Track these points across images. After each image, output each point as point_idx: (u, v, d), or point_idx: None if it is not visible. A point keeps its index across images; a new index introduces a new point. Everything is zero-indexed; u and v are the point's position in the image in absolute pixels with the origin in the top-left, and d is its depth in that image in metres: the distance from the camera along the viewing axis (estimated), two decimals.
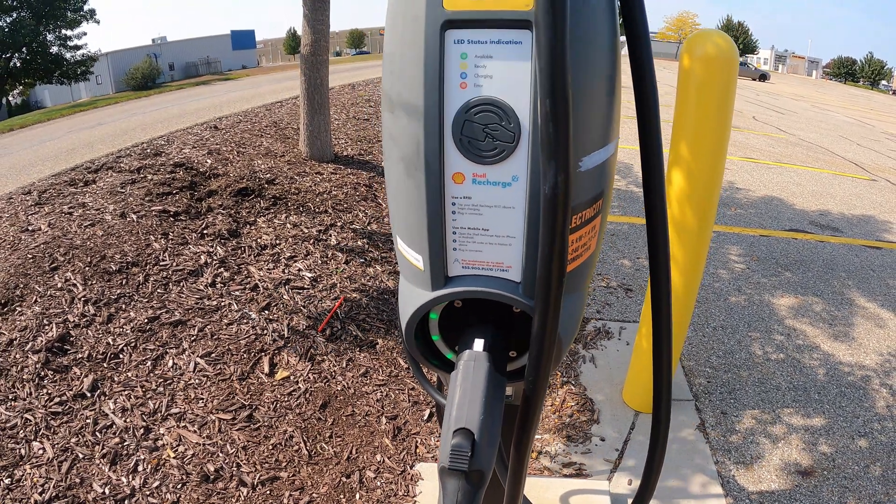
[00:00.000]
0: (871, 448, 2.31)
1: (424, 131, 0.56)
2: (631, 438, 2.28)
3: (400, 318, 0.69)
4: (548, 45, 0.45)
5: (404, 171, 0.61)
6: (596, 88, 0.58)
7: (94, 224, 3.48)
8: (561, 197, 0.48)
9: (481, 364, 0.62)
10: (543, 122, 0.47)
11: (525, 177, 0.56)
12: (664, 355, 0.71)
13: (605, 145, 0.61)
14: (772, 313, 3.35)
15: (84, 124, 10.74)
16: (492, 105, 0.54)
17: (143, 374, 2.39)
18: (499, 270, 0.63)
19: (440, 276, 0.64)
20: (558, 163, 0.47)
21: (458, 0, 0.53)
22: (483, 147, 0.56)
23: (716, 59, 1.72)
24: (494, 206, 0.59)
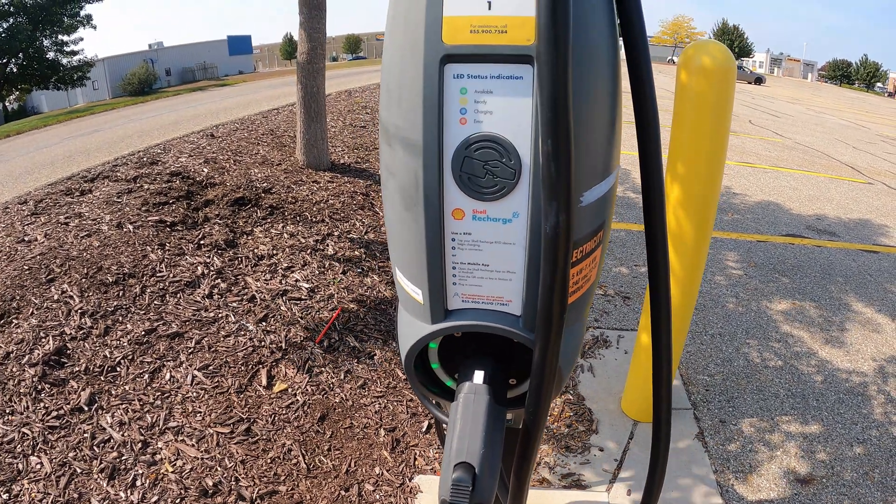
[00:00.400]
0: (869, 455, 2.31)
1: (423, 167, 0.56)
2: (630, 448, 2.27)
3: (399, 348, 0.70)
4: (550, 82, 0.45)
5: (402, 205, 0.61)
6: (597, 121, 0.58)
7: (91, 234, 3.47)
8: (562, 236, 0.49)
9: (481, 397, 0.62)
10: (545, 161, 0.47)
11: (526, 213, 0.56)
12: (664, 369, 0.71)
13: (605, 178, 0.62)
14: (770, 320, 3.35)
15: (80, 131, 10.73)
16: (492, 142, 0.54)
17: (141, 387, 2.38)
18: (499, 304, 0.64)
19: (440, 310, 0.64)
20: (559, 202, 0.47)
21: (458, 34, 0.52)
22: (483, 184, 0.56)
23: (713, 71, 1.72)
24: (495, 242, 0.59)
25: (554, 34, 0.44)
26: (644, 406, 2.39)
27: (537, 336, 0.54)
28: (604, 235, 0.65)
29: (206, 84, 32.28)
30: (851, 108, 22.73)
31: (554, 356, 0.54)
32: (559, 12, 0.44)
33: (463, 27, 0.53)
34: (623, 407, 2.46)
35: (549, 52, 0.44)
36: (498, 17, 0.52)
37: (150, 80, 41.00)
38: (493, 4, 0.52)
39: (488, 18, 0.52)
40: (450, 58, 0.54)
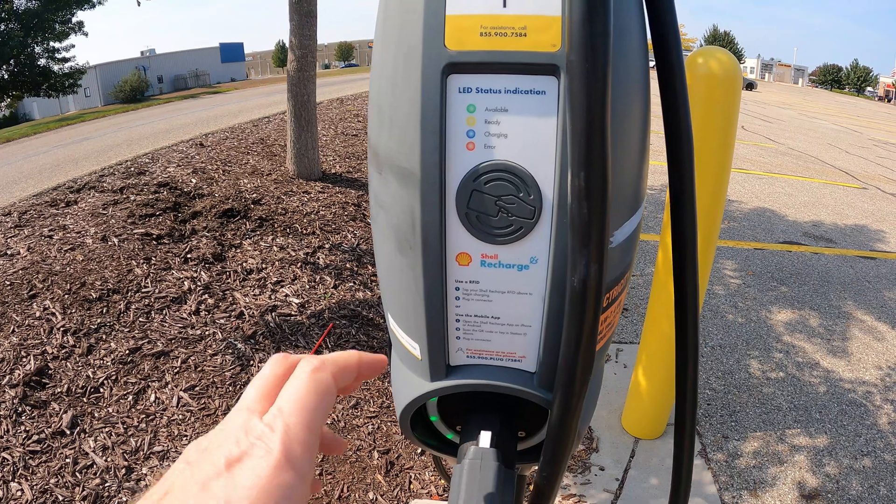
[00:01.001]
0: (874, 467, 2.27)
1: (421, 203, 0.45)
2: (631, 467, 2.21)
3: (394, 403, 0.59)
4: (584, 99, 0.35)
5: (396, 246, 0.50)
6: (630, 146, 0.47)
7: (75, 248, 3.39)
8: (592, 291, 0.39)
9: (489, 463, 0.53)
10: (574, 200, 0.37)
11: (546, 259, 0.46)
12: (689, 392, 0.61)
13: (635, 212, 0.51)
14: (769, 330, 3.30)
15: (70, 139, 10.65)
16: (507, 172, 0.44)
17: (125, 409, 2.29)
18: (510, 360, 0.52)
19: (440, 367, 0.53)
20: (591, 251, 0.38)
21: (465, 38, 0.42)
22: (495, 223, 0.45)
23: (719, 78, 1.67)
24: (507, 292, 0.48)
25: (591, 38, 0.34)
26: (645, 422, 2.33)
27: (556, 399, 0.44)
28: (629, 276, 0.54)
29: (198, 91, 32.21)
30: (843, 113, 22.88)
31: (574, 419, 0.45)
32: (597, 9, 0.34)
33: (471, 29, 0.42)
34: (624, 424, 2.40)
35: (584, 61, 0.34)
36: (515, 16, 0.41)
37: (141, 87, 40.94)
38: (508, 1, 0.41)
39: (503, 18, 0.41)
40: (454, 67, 0.42)
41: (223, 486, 0.29)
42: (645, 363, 2.25)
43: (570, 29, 0.35)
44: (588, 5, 0.34)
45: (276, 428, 0.32)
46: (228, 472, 0.30)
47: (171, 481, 0.31)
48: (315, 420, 0.34)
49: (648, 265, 4.16)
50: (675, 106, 0.50)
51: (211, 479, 0.30)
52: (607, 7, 0.34)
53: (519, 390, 0.52)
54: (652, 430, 2.33)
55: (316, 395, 0.35)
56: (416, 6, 0.43)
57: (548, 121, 0.42)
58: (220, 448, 0.32)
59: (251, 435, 0.32)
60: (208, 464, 0.31)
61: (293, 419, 0.33)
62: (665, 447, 2.29)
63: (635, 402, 2.34)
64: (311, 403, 0.35)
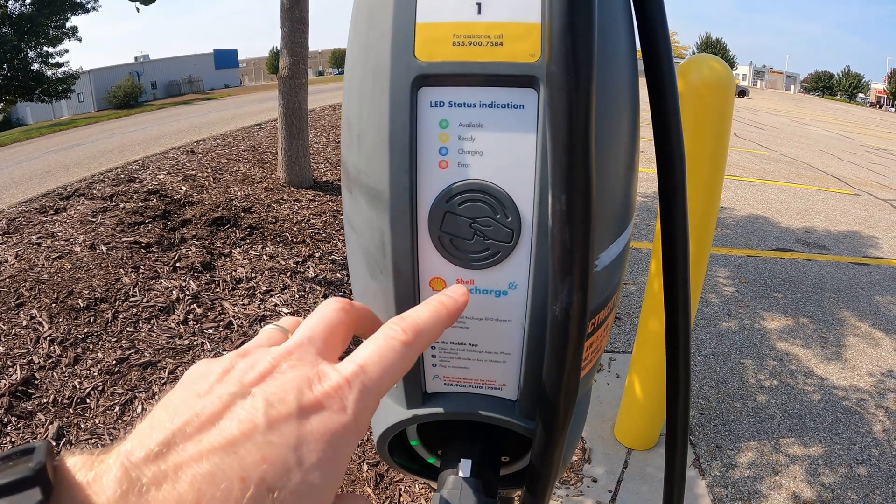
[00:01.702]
0: (870, 476, 2.26)
1: (391, 226, 0.42)
2: (624, 478, 2.18)
3: (372, 429, 0.56)
4: (566, 113, 0.32)
5: (367, 271, 0.47)
6: (616, 163, 0.44)
7: (63, 256, 3.35)
8: (575, 320, 0.36)
9: (468, 494, 0.49)
10: (556, 224, 0.34)
11: (526, 283, 0.43)
12: (681, 401, 0.58)
13: (622, 233, 0.48)
14: (763, 338, 3.28)
15: (62, 144, 10.62)
16: (482, 192, 0.41)
17: (111, 420, 2.25)
18: (489, 388, 0.49)
19: (416, 394, 0.50)
20: (574, 278, 0.35)
21: (436, 47, 0.38)
22: (470, 247, 0.42)
23: (712, 87, 1.65)
24: (485, 319, 0.45)
25: (573, 46, 0.31)
26: (638, 433, 2.31)
27: (539, 431, 0.41)
28: (617, 297, 0.51)
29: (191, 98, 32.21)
30: (834, 119, 23.04)
31: (558, 450, 0.42)
32: (579, 16, 0.31)
33: (443, 38, 0.38)
34: (616, 434, 2.37)
35: (566, 73, 0.31)
36: (491, 23, 0.38)
37: (135, 92, 40.92)
38: (483, 7, 0.38)
39: (477, 26, 0.38)
40: (425, 79, 0.39)
41: (293, 430, 0.27)
42: (638, 373, 2.23)
43: (550, 37, 0.32)
44: (569, 11, 0.31)
45: (353, 386, 0.30)
46: (300, 418, 0.27)
47: (233, 405, 0.27)
48: (382, 396, 0.31)
49: (641, 273, 4.15)
50: (666, 117, 0.47)
51: (281, 419, 0.27)
52: (591, 12, 0.32)
53: (499, 419, 0.49)
54: (645, 441, 2.30)
55: (399, 372, 0.32)
56: (384, 13, 0.40)
57: (526, 137, 0.39)
58: (289, 384, 0.29)
59: (325, 382, 0.29)
60: (278, 399, 0.28)
61: (373, 386, 0.30)
62: (658, 457, 2.27)
63: (628, 413, 2.32)
64: (393, 377, 0.32)
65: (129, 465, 0.24)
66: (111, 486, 0.23)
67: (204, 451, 0.25)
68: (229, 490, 0.24)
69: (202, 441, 0.25)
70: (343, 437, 0.28)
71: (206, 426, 0.26)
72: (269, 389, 0.28)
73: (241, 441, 0.26)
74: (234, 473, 0.25)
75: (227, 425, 0.26)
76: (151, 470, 0.24)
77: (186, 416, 0.26)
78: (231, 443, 0.26)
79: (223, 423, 0.26)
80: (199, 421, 0.26)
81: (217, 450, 0.25)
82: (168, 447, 0.25)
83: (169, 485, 0.24)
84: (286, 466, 0.26)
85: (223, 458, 0.25)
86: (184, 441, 0.25)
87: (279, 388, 0.28)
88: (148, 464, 0.24)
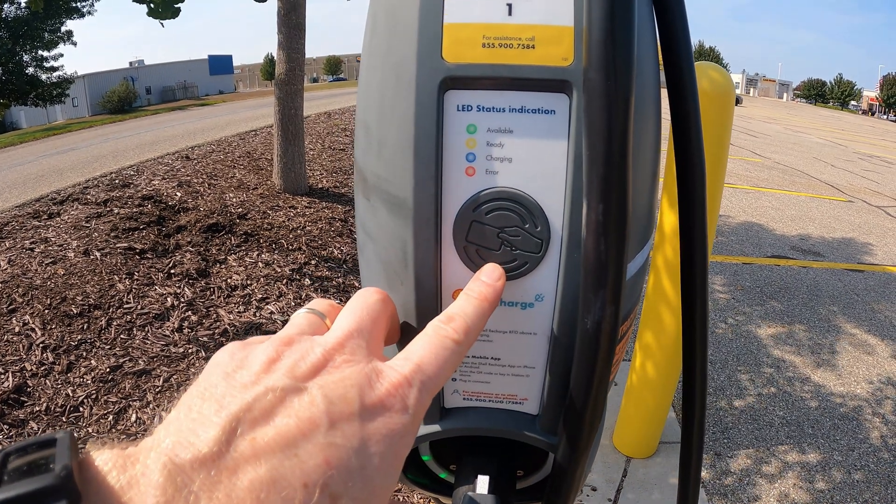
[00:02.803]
0: (868, 481, 2.26)
1: (414, 236, 0.41)
2: (624, 486, 2.17)
3: None
4: (605, 121, 0.31)
5: (385, 282, 0.45)
6: (644, 173, 0.43)
7: (56, 262, 3.32)
8: (606, 334, 0.35)
9: None
10: (590, 234, 0.33)
11: (553, 297, 0.41)
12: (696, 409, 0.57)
13: (648, 242, 0.47)
14: (760, 345, 3.28)
15: (56, 149, 10.58)
16: (511, 201, 0.39)
17: (105, 429, 2.23)
18: (510, 403, 0.48)
19: (434, 409, 0.48)
20: (607, 291, 0.33)
21: (465, 49, 0.37)
22: (497, 258, 0.40)
23: (713, 95, 1.65)
24: (510, 332, 0.43)
25: (613, 55, 0.30)
26: (637, 441, 2.30)
27: (562, 446, 0.40)
28: (637, 309, 0.50)
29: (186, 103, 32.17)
30: (827, 127, 23.21)
31: (581, 466, 0.41)
32: (620, 22, 0.30)
33: (472, 40, 0.37)
34: (615, 443, 2.36)
35: (606, 79, 0.30)
36: (522, 25, 0.36)
37: (130, 98, 40.89)
38: (514, 8, 0.36)
39: (508, 28, 0.37)
40: (453, 82, 0.38)
41: (356, 431, 0.25)
42: (636, 381, 2.22)
43: (590, 41, 0.31)
44: (610, 16, 0.30)
45: (413, 384, 0.28)
46: (362, 418, 0.25)
47: (289, 400, 0.25)
48: (435, 394, 0.30)
49: None
50: (687, 122, 0.45)
51: (344, 418, 0.25)
52: (631, 18, 0.31)
53: (520, 434, 0.47)
54: (644, 449, 2.30)
55: (452, 370, 0.31)
56: (411, 13, 0.39)
57: (557, 144, 0.38)
58: (349, 381, 0.26)
59: (385, 381, 0.27)
60: (339, 396, 0.25)
61: (431, 385, 0.29)
62: (657, 466, 2.26)
63: (627, 421, 2.31)
64: (446, 376, 0.31)
65: (174, 469, 0.21)
66: (152, 492, 0.20)
67: (260, 452, 0.23)
68: (291, 499, 0.22)
69: (257, 440, 0.23)
70: (404, 438, 0.26)
71: (260, 422, 0.24)
72: (327, 385, 0.26)
73: (301, 441, 0.23)
74: (296, 479, 0.22)
75: (284, 423, 0.24)
76: (201, 474, 0.21)
77: (234, 408, 0.24)
78: (291, 443, 0.23)
79: (279, 420, 0.24)
80: (252, 416, 0.24)
81: (275, 450, 0.23)
82: (220, 446, 0.22)
83: (223, 492, 0.21)
84: (349, 470, 0.24)
85: (282, 461, 0.23)
86: (237, 440, 0.23)
87: (339, 385, 0.26)
88: (196, 466, 0.21)
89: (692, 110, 0.44)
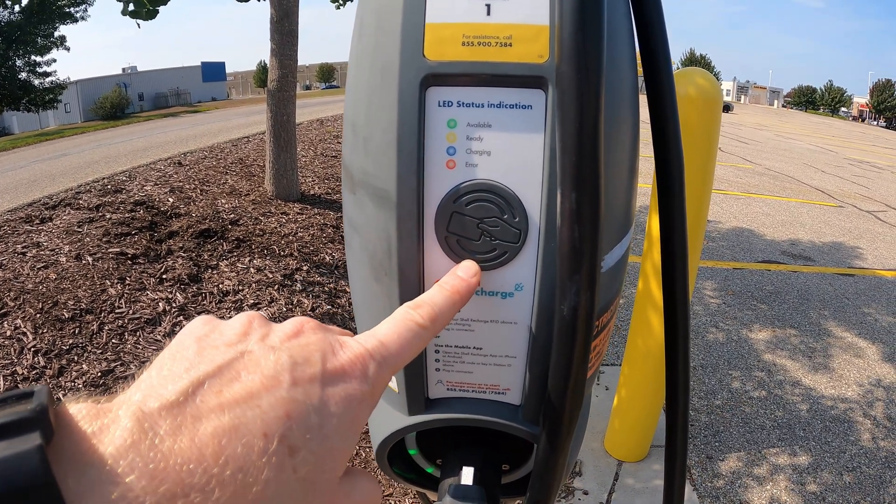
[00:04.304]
0: (859, 483, 2.27)
1: (397, 227, 0.42)
2: (615, 490, 2.18)
3: (371, 437, 0.55)
4: (576, 113, 0.32)
5: (371, 273, 0.47)
6: (620, 164, 0.45)
7: (48, 266, 3.31)
8: (583, 320, 0.36)
9: (471, 502, 0.49)
10: (565, 222, 0.34)
11: (532, 285, 0.43)
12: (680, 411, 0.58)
13: (625, 235, 0.48)
14: (751, 349, 3.30)
15: (48, 154, 10.55)
16: (490, 192, 0.41)
17: None
18: (493, 393, 0.49)
19: (419, 400, 0.49)
20: (583, 277, 0.35)
21: (446, 47, 0.39)
22: (477, 248, 0.42)
23: (699, 101, 1.66)
24: (490, 322, 0.45)
25: (583, 48, 0.32)
26: (628, 445, 2.30)
27: (544, 434, 0.41)
28: (617, 302, 0.51)
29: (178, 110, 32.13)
30: (818, 133, 23.38)
31: (563, 455, 0.42)
32: (589, 16, 0.32)
33: (452, 38, 0.39)
34: (607, 447, 2.37)
35: (576, 71, 0.32)
36: (500, 24, 0.38)
37: (122, 104, 40.80)
38: (493, 8, 0.38)
39: (487, 27, 0.38)
40: (434, 79, 0.39)
41: (317, 392, 0.26)
42: (627, 385, 2.23)
43: (562, 36, 0.33)
44: (580, 10, 0.32)
45: (374, 358, 0.29)
46: (324, 381, 0.27)
47: (256, 360, 0.26)
48: (395, 373, 0.31)
49: (629, 286, 4.16)
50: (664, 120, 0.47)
51: (306, 379, 0.26)
52: (601, 14, 0.32)
53: (503, 424, 0.48)
54: (635, 453, 2.30)
55: (414, 352, 0.33)
56: (394, 14, 0.40)
57: (534, 137, 0.39)
58: (314, 346, 0.28)
59: (348, 351, 0.29)
60: (301, 358, 0.27)
61: (392, 362, 0.30)
62: (649, 469, 2.26)
63: (618, 425, 2.32)
64: (408, 357, 0.32)
65: (142, 415, 0.22)
66: (120, 435, 0.21)
67: (225, 403, 0.24)
68: (251, 445, 0.23)
69: (223, 393, 0.24)
70: (362, 406, 0.28)
71: (228, 379, 0.25)
72: (294, 349, 0.28)
73: (264, 394, 0.25)
74: (257, 427, 0.24)
75: (249, 379, 0.25)
76: (167, 421, 0.22)
77: (205, 368, 0.25)
78: (253, 395, 0.24)
79: (245, 377, 0.25)
80: (220, 374, 0.25)
81: (239, 402, 0.24)
82: (186, 397, 0.24)
83: (187, 436, 0.22)
84: (308, 426, 0.25)
85: (245, 412, 0.24)
86: (203, 392, 0.24)
87: (304, 349, 0.28)
88: (164, 414, 0.23)
89: (670, 115, 0.46)
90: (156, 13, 3.93)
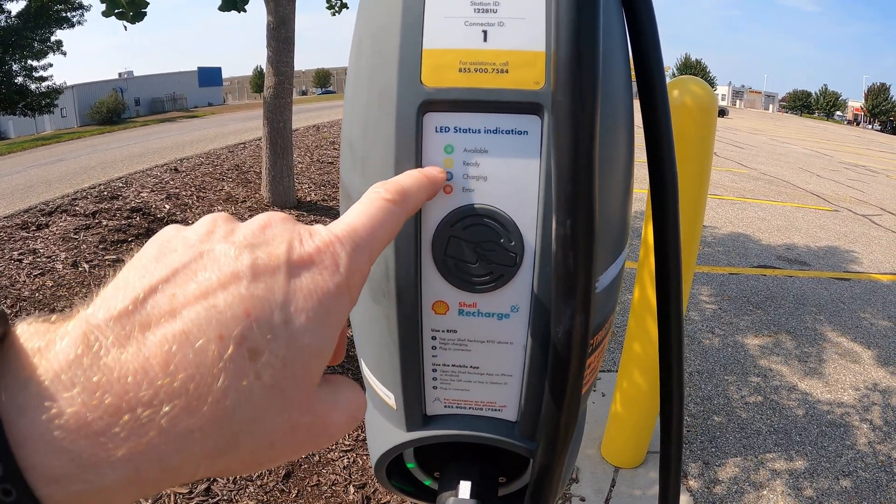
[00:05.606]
0: (856, 487, 2.28)
1: (395, 250, 0.43)
2: (612, 496, 2.18)
3: (369, 452, 0.56)
4: (571, 141, 0.33)
5: (369, 294, 0.47)
6: (615, 187, 0.45)
7: (45, 273, 3.30)
8: (577, 342, 0.37)
9: None
10: (560, 248, 0.35)
11: (528, 307, 0.43)
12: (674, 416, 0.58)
13: (620, 254, 0.49)
14: (747, 354, 3.31)
15: (45, 159, 10.51)
16: (487, 217, 0.41)
17: None
18: (490, 410, 0.49)
19: (416, 417, 0.50)
20: (578, 301, 0.35)
21: (443, 74, 0.39)
22: (474, 271, 0.42)
23: (694, 109, 1.67)
24: (487, 342, 0.45)
25: (579, 75, 0.32)
26: (625, 451, 2.31)
27: (539, 453, 0.41)
28: (612, 318, 0.52)
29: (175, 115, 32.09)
30: (813, 137, 23.45)
31: (558, 472, 0.42)
32: (585, 45, 0.32)
33: (449, 65, 0.39)
34: (603, 453, 2.37)
35: (571, 101, 0.32)
36: (497, 51, 0.39)
37: (118, 109, 40.72)
38: (489, 35, 0.39)
39: (483, 53, 0.39)
40: (431, 105, 0.40)
41: (281, 285, 0.23)
42: (623, 391, 2.23)
43: (557, 66, 0.33)
44: (576, 41, 0.32)
45: (345, 243, 0.26)
46: (289, 273, 0.24)
47: (216, 258, 0.24)
48: (374, 259, 0.29)
49: (625, 292, 4.17)
50: (659, 137, 0.48)
51: (268, 271, 0.23)
52: (596, 43, 0.33)
53: (500, 440, 0.49)
54: (632, 459, 2.30)
55: (389, 232, 0.30)
56: (392, 39, 0.41)
57: (530, 163, 0.40)
58: (278, 237, 0.25)
59: (316, 238, 0.26)
60: (263, 252, 0.24)
61: (365, 245, 0.27)
62: (645, 475, 2.27)
63: (614, 431, 2.32)
64: (383, 238, 0.29)
65: (88, 328, 0.20)
66: (63, 350, 0.20)
67: (178, 306, 0.22)
68: (204, 350, 0.21)
69: (177, 295, 0.22)
70: (336, 298, 0.25)
71: (184, 280, 0.23)
72: (256, 242, 0.25)
73: (220, 292, 0.22)
74: (211, 330, 0.21)
75: (206, 277, 0.23)
76: (115, 331, 0.21)
77: (161, 273, 0.23)
78: (207, 293, 0.22)
79: (201, 276, 0.23)
80: (175, 276, 0.23)
81: (192, 303, 0.22)
82: (136, 305, 0.21)
83: (133, 346, 0.20)
84: (271, 325, 0.22)
85: (199, 313, 0.21)
86: (155, 298, 0.22)
87: (267, 242, 0.25)
88: (111, 325, 0.21)
89: (664, 121, 0.47)
90: (142, 15, 3.93)
